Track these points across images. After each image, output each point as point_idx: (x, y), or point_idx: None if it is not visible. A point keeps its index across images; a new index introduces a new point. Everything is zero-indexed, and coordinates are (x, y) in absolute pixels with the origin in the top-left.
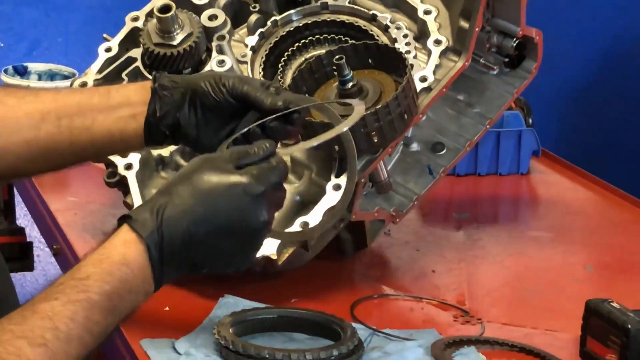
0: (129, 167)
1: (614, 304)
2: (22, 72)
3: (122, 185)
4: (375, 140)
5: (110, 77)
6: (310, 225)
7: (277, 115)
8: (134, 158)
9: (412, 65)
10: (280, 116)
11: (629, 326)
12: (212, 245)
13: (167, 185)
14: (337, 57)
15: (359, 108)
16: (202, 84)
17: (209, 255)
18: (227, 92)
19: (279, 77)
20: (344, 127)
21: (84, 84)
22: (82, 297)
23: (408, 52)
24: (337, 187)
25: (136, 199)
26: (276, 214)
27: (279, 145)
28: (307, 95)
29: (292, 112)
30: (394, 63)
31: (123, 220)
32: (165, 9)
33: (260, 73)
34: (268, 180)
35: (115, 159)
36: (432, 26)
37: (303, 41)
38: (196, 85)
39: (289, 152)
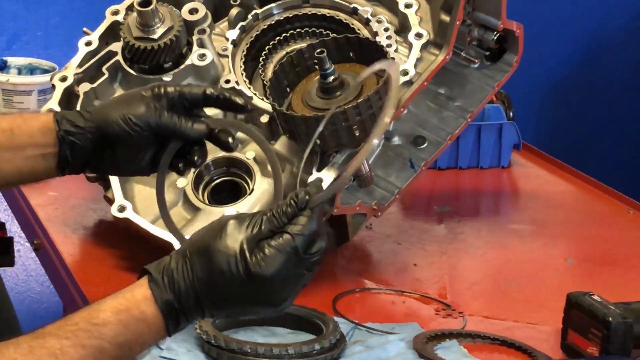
0: None
1: (595, 297)
2: (2, 67)
3: (102, 179)
4: (357, 134)
5: (91, 71)
6: None
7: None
8: None
9: (393, 59)
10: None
11: (610, 319)
12: (229, 311)
13: (189, 245)
14: (318, 50)
15: (393, 70)
16: (112, 128)
17: (228, 316)
18: (141, 128)
19: (260, 70)
20: (375, 138)
21: (64, 78)
22: (94, 344)
23: (389, 45)
24: (318, 181)
25: (117, 194)
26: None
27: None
28: (288, 89)
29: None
30: (375, 56)
31: (145, 271)
32: (145, 2)
33: (241, 67)
34: (279, 260)
35: None
36: (413, 19)
37: (284, 35)
38: (104, 128)
39: (324, 198)
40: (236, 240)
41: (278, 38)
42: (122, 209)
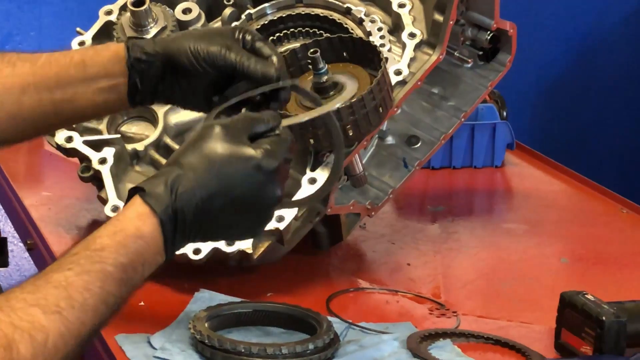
0: (103, 161)
1: (589, 296)
2: None
3: (96, 179)
4: (351, 134)
5: None
6: (286, 219)
7: (271, 87)
8: (108, 152)
9: (386, 59)
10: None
11: (604, 318)
12: (225, 220)
13: (179, 154)
14: (311, 50)
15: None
16: (180, 59)
17: (221, 229)
18: (209, 64)
19: None
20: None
21: None
22: (97, 268)
23: (382, 45)
24: (312, 181)
25: (110, 194)
26: None
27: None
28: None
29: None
30: (368, 56)
31: (135, 191)
32: (139, 2)
33: None
34: (280, 154)
35: (90, 153)
36: (406, 19)
37: (277, 35)
38: (173, 58)
39: (292, 123)
40: (232, 140)
41: (271, 38)
42: (115, 209)
